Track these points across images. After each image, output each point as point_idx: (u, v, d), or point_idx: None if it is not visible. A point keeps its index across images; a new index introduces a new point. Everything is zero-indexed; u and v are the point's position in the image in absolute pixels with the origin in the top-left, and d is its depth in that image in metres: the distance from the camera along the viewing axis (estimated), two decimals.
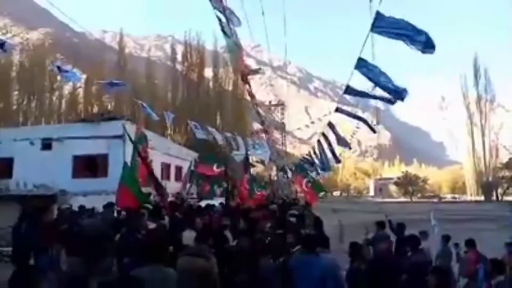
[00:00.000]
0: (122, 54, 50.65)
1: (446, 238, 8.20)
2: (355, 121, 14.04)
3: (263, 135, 28.20)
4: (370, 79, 5.63)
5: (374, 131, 8.32)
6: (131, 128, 20.76)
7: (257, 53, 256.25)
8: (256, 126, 52.11)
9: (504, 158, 68.49)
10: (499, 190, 68.39)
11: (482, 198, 66.84)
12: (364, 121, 7.91)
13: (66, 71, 9.58)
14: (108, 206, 8.86)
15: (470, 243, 7.31)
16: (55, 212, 10.15)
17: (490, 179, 68.79)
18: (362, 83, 6.80)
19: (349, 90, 6.58)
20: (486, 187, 68.75)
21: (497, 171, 68.03)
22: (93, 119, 20.97)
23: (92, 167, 19.39)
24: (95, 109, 39.13)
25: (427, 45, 4.63)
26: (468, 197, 72.00)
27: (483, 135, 71.23)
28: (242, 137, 19.22)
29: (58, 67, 9.59)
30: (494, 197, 66.58)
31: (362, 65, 5.60)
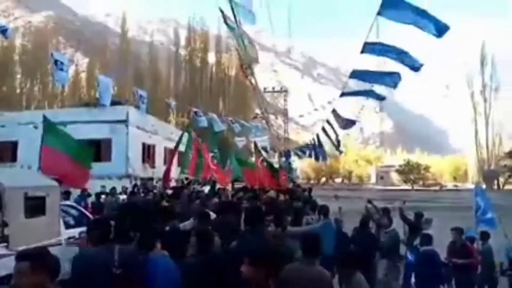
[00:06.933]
0: (125, 37, 50.21)
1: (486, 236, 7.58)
2: (358, 106, 14.00)
3: (264, 121, 28.23)
4: (382, 54, 5.67)
5: (382, 98, 7.97)
6: (134, 113, 20.76)
7: (260, 38, 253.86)
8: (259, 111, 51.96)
9: (507, 147, 68.26)
10: (501, 179, 68.43)
11: (483, 186, 66.85)
12: (373, 95, 7.56)
13: (62, 68, 8.89)
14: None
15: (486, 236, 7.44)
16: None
17: (493, 167, 68.78)
18: (368, 66, 6.84)
19: (355, 73, 6.61)
20: (488, 176, 68.75)
21: (500, 160, 67.99)
22: (96, 103, 20.93)
23: (95, 151, 19.46)
24: (98, 94, 39.09)
25: (440, 30, 4.67)
26: (470, 186, 71.99)
27: (487, 124, 70.96)
28: (244, 122, 19.20)
29: (55, 61, 8.87)
30: (495, 186, 66.64)
31: (369, 49, 5.63)
